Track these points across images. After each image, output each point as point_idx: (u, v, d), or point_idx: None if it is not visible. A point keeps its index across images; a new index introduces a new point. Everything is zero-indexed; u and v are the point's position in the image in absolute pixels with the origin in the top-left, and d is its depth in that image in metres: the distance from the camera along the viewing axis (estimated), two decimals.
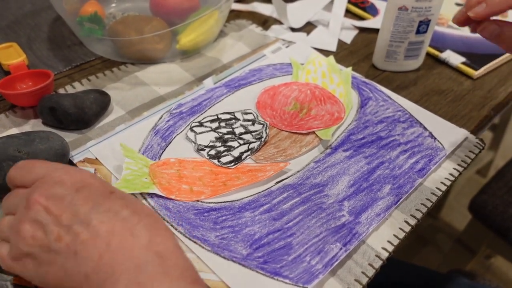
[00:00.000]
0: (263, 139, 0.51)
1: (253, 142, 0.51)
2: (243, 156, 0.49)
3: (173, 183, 0.46)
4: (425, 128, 0.54)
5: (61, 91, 0.57)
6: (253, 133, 0.52)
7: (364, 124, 0.55)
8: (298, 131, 0.53)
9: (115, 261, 0.30)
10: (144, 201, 0.44)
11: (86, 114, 0.51)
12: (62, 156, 0.45)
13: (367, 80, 0.62)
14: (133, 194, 0.44)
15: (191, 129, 0.52)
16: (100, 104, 0.53)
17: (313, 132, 0.53)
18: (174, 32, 0.63)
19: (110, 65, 0.63)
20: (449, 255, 1.22)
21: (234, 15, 0.75)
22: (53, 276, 0.31)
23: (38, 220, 0.31)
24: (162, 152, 0.49)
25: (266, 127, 0.53)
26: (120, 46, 0.63)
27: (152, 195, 0.45)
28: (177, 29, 0.63)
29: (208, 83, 0.59)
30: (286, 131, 0.53)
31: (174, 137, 0.51)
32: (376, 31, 0.70)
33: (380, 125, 0.55)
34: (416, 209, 0.46)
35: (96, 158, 0.48)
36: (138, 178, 0.45)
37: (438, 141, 0.53)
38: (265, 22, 0.73)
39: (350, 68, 0.63)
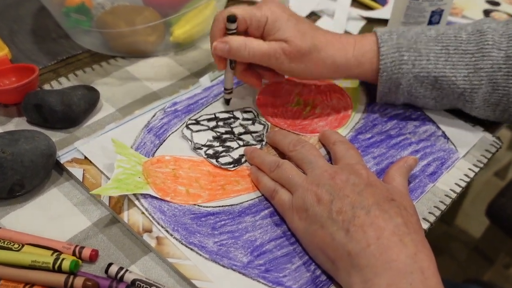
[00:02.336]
0: (264, 143, 0.52)
1: (253, 145, 0.52)
2: (243, 159, 0.50)
3: (168, 184, 0.47)
4: (438, 127, 0.55)
5: (47, 87, 0.58)
6: (253, 134, 0.53)
7: (373, 122, 0.56)
8: (301, 133, 0.54)
9: (380, 256, 0.36)
10: (137, 201, 0.45)
11: (74, 112, 0.52)
12: (49, 157, 0.46)
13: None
14: (126, 195, 0.45)
15: (187, 127, 0.53)
16: (88, 100, 0.54)
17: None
18: (167, 23, 0.64)
19: (99, 59, 0.63)
20: (465, 264, 1.23)
21: (232, 4, 0.75)
22: (320, 238, 0.39)
23: (330, 191, 0.40)
24: (156, 150, 0.50)
25: (267, 129, 0.54)
26: (110, 38, 0.63)
27: (145, 195, 0.45)
28: (171, 20, 0.64)
29: (205, 81, 0.60)
30: (289, 131, 0.54)
31: (169, 135, 0.52)
32: (385, 21, 0.71)
33: (390, 123, 0.55)
34: (429, 212, 0.47)
35: (85, 158, 0.49)
36: (131, 177, 0.46)
37: (451, 142, 0.54)
38: None
39: None
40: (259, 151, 0.50)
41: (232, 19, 0.49)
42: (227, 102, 0.57)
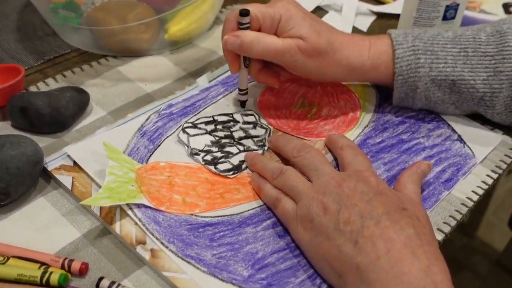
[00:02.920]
0: (266, 148, 0.53)
1: (254, 150, 0.53)
2: (243, 166, 0.51)
3: (163, 192, 0.47)
4: (453, 130, 0.56)
5: (33, 89, 0.59)
6: (255, 139, 0.54)
7: (383, 126, 0.56)
8: (306, 137, 0.55)
9: (391, 269, 0.37)
10: (129, 211, 0.46)
11: (62, 115, 0.53)
12: (36, 164, 0.47)
13: None
14: (118, 205, 0.46)
15: (184, 130, 0.54)
16: (77, 103, 0.55)
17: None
18: (162, 19, 0.65)
19: (89, 59, 0.64)
20: (487, 279, 1.23)
21: None
22: (326, 250, 0.40)
23: (337, 200, 0.41)
24: (150, 156, 0.51)
25: (269, 133, 0.55)
26: (100, 36, 0.64)
27: (139, 205, 0.46)
28: (166, 16, 0.65)
29: (202, 82, 0.61)
30: (293, 135, 0.55)
31: (164, 140, 0.53)
32: (396, 17, 0.72)
33: (401, 126, 0.56)
34: (444, 222, 0.47)
35: (74, 164, 0.50)
36: (123, 185, 0.47)
37: (468, 146, 0.54)
38: None
39: None
40: (260, 157, 0.51)
41: (244, 12, 0.51)
42: (242, 104, 0.58)
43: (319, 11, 0.76)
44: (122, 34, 0.63)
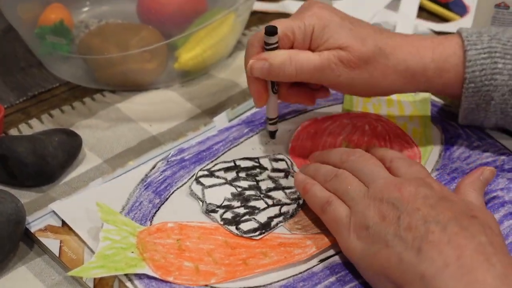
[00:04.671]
0: (301, 201, 0.54)
1: (286, 204, 0.54)
2: (273, 223, 0.52)
3: (171, 259, 0.49)
4: None
5: (14, 132, 0.62)
6: (287, 191, 0.55)
7: (451, 175, 0.57)
8: None
9: (462, 277, 0.39)
10: (129, 283, 0.47)
11: (49, 165, 0.55)
12: (17, 224, 0.49)
13: (453, 110, 0.65)
14: (116, 276, 0.47)
15: (197, 181, 0.56)
16: (67, 149, 0.57)
17: None
18: (171, 45, 0.67)
19: (81, 94, 0.67)
20: None
21: (257, 18, 0.79)
22: (383, 260, 0.43)
23: (397, 206, 0.44)
24: (156, 212, 0.53)
25: None
26: (96, 67, 0.67)
27: (141, 276, 0.47)
28: (176, 42, 0.67)
29: (221, 121, 0.63)
30: None
31: (173, 192, 0.55)
32: None
33: None
34: None
35: (62, 225, 0.51)
36: (121, 252, 0.48)
37: None
38: None
39: (428, 93, 0.66)
40: (314, 164, 0.54)
41: (271, 30, 0.52)
42: (271, 135, 0.61)
43: None
44: (122, 64, 0.65)
